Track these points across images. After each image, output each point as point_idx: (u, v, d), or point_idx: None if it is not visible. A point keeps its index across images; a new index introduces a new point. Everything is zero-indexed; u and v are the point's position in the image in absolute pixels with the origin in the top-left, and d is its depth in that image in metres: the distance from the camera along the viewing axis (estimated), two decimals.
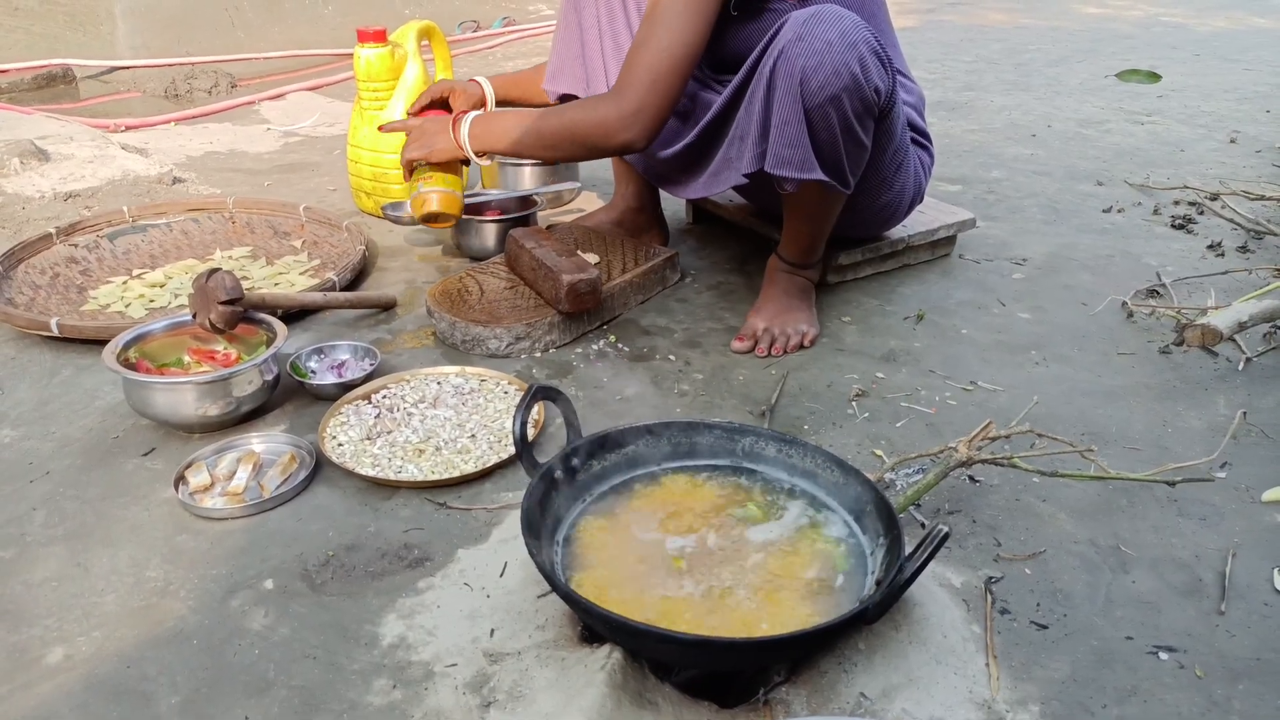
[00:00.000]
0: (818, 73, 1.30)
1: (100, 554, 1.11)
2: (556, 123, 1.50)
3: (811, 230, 1.59)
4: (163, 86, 3.51)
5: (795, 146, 1.36)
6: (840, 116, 1.34)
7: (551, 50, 1.81)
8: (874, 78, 1.34)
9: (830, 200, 1.52)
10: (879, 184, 1.59)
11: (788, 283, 1.64)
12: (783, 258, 1.65)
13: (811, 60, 1.30)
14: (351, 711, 0.90)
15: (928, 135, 1.72)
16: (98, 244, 1.92)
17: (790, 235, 1.62)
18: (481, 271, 1.76)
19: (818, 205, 1.53)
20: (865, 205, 1.63)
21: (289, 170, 2.60)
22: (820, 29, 1.30)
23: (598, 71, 1.70)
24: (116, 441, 1.33)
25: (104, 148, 2.51)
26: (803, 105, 1.32)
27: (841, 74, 1.30)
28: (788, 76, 1.32)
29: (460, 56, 4.17)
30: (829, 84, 1.31)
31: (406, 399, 1.40)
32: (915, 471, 1.25)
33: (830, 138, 1.36)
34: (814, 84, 1.31)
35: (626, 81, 1.43)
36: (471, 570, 1.08)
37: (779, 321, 1.60)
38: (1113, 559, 1.11)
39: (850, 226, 1.71)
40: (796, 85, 1.31)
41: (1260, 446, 1.33)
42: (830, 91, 1.31)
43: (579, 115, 1.49)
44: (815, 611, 0.93)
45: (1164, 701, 0.92)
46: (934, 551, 0.87)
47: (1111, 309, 1.76)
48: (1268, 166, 2.65)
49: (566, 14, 1.76)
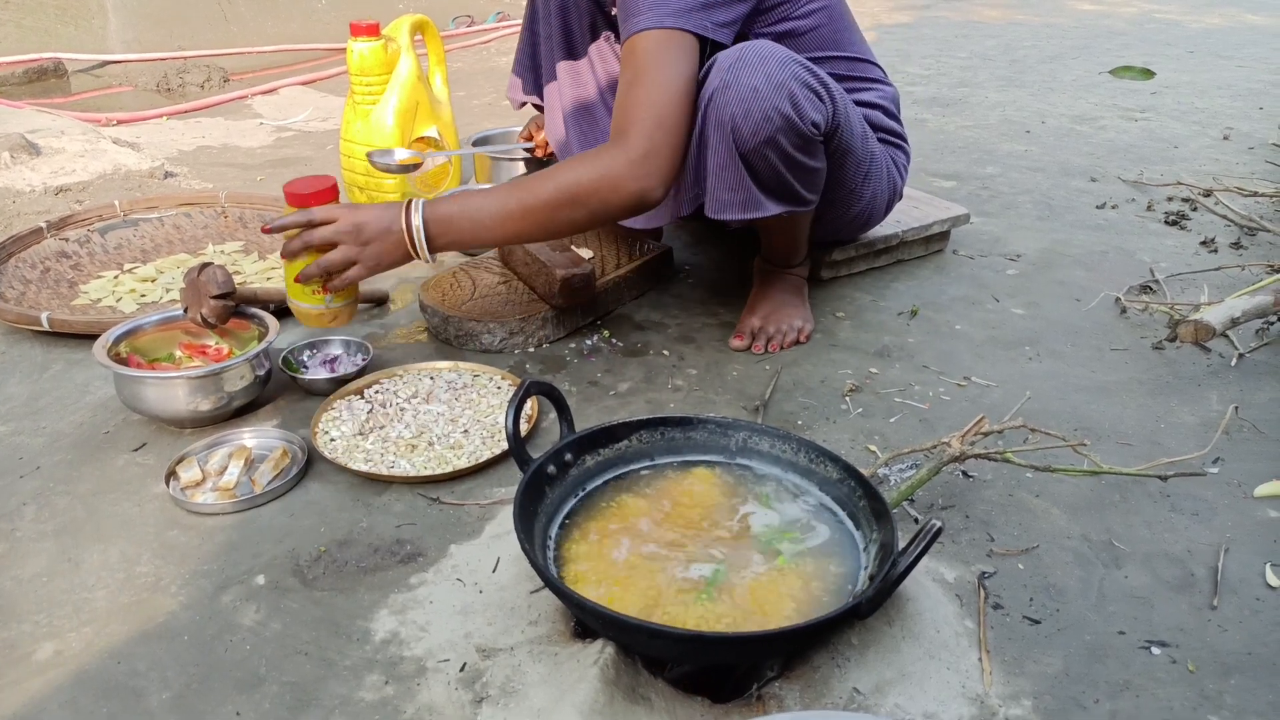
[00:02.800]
0: (748, 120, 1.25)
1: (91, 549, 1.11)
2: (548, 189, 1.27)
3: (784, 242, 1.59)
4: (155, 81, 3.49)
5: (736, 190, 1.32)
6: (780, 155, 1.30)
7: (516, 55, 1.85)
8: (808, 113, 1.28)
9: (795, 217, 1.48)
10: (846, 196, 1.55)
11: (778, 280, 1.64)
12: (768, 259, 1.65)
13: (740, 108, 1.25)
14: (343, 707, 0.90)
15: (901, 134, 1.68)
16: (89, 238, 1.91)
17: (767, 243, 1.62)
18: (475, 266, 1.76)
19: (786, 222, 1.50)
20: (836, 217, 1.61)
21: (282, 165, 2.59)
22: (745, 75, 1.25)
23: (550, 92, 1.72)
24: (107, 436, 1.33)
25: (95, 142, 2.50)
26: (738, 152, 1.29)
27: (772, 118, 1.26)
28: (718, 126, 1.27)
29: (454, 51, 4.15)
30: (760, 129, 1.26)
31: (399, 394, 1.39)
32: (909, 467, 1.24)
33: (774, 175, 1.33)
34: (745, 131, 1.26)
35: (626, 124, 1.26)
36: (464, 565, 1.08)
37: (774, 318, 1.60)
38: (1105, 554, 1.11)
39: (827, 234, 1.70)
40: (729, 133, 1.27)
41: (1252, 442, 1.34)
42: (764, 135, 1.26)
43: (576, 173, 1.27)
44: (808, 606, 0.93)
45: (1156, 696, 0.92)
46: (927, 546, 0.87)
47: (1105, 305, 1.76)
48: (1261, 163, 2.66)
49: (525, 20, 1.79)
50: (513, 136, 2.41)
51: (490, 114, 3.11)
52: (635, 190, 1.26)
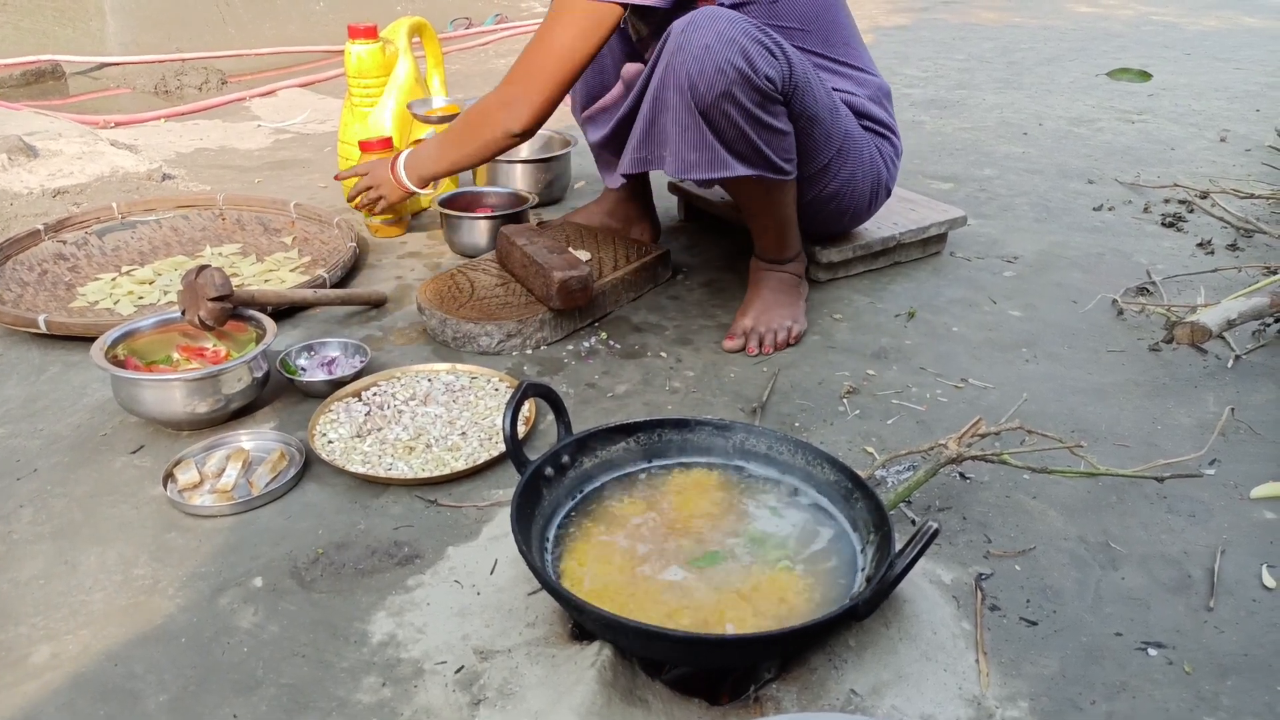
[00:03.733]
0: (703, 75, 1.32)
1: (88, 552, 1.11)
2: (459, 124, 1.59)
3: (771, 223, 1.59)
4: (153, 83, 3.49)
5: (700, 149, 1.38)
6: (740, 111, 1.35)
7: None
8: (762, 66, 1.34)
9: (774, 189, 1.51)
10: (820, 172, 1.57)
11: (772, 280, 1.64)
12: (760, 257, 1.66)
13: (694, 66, 1.32)
14: (341, 709, 0.90)
15: (888, 125, 1.68)
16: (86, 240, 1.91)
17: (756, 232, 1.63)
18: (473, 268, 1.76)
19: (764, 197, 1.53)
20: (813, 194, 1.61)
21: (279, 167, 2.59)
22: (696, 35, 1.32)
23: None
24: (105, 439, 1.32)
25: (93, 144, 2.50)
26: (696, 110, 1.34)
27: (726, 71, 1.31)
28: (676, 88, 1.34)
29: (452, 53, 4.16)
30: (716, 83, 1.32)
31: (397, 396, 1.40)
32: (906, 468, 1.25)
33: (738, 133, 1.37)
34: (701, 87, 1.32)
35: (512, 73, 1.50)
36: (462, 568, 1.08)
37: (765, 319, 1.60)
38: (1102, 555, 1.12)
39: (814, 224, 1.70)
40: (686, 91, 1.33)
41: (1249, 443, 1.34)
42: (719, 89, 1.32)
43: (472, 110, 1.56)
44: (806, 608, 0.93)
45: (1152, 697, 0.92)
46: (924, 548, 0.87)
47: (1102, 307, 1.76)
48: (1257, 165, 2.66)
49: None
50: None
51: None
52: (503, 127, 1.51)
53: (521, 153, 2.40)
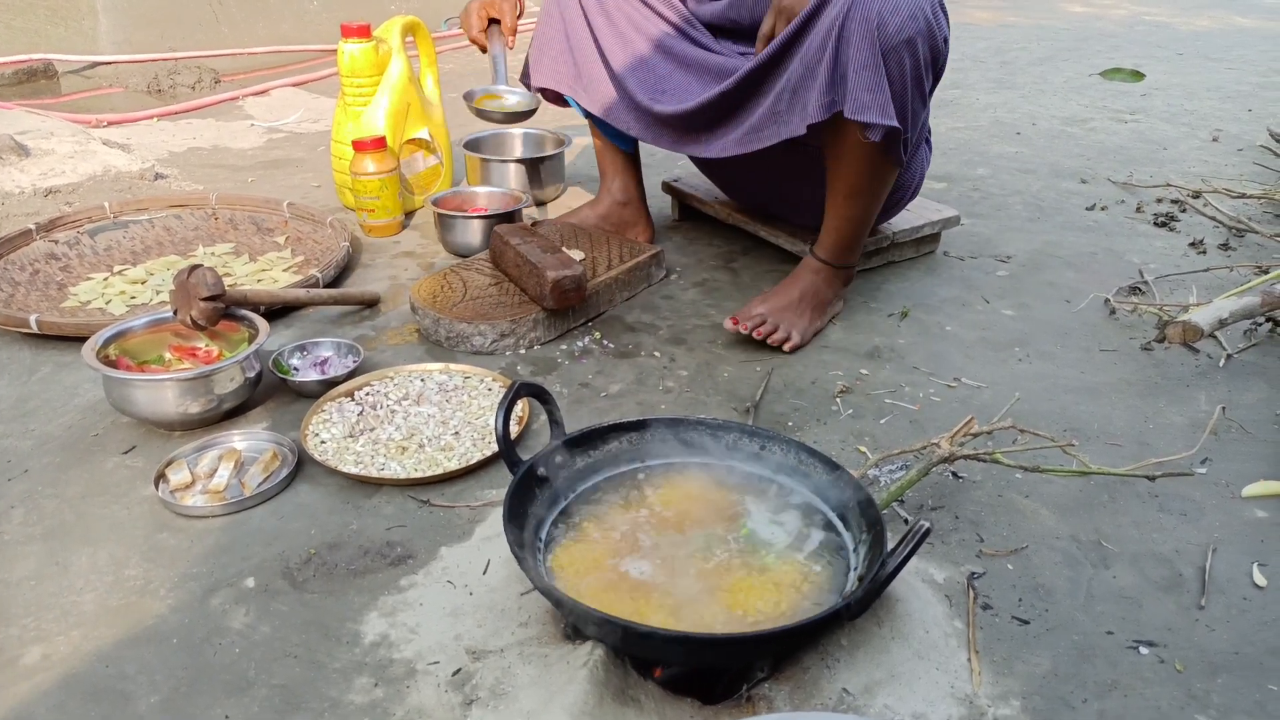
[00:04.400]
0: (895, 14, 1.29)
1: (79, 552, 1.10)
2: None
3: (857, 213, 1.54)
4: (145, 82, 3.48)
5: (874, 91, 1.33)
6: (913, 63, 1.33)
7: (532, 43, 1.82)
8: (944, 26, 1.35)
9: (882, 173, 1.48)
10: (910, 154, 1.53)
11: (809, 284, 1.60)
12: (818, 256, 1.60)
13: (889, 4, 1.29)
14: (333, 710, 0.90)
15: (929, 129, 1.71)
16: (78, 240, 1.90)
17: (832, 222, 1.56)
18: (466, 268, 1.75)
19: (870, 178, 1.48)
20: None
21: (272, 166, 2.59)
22: None
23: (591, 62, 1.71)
24: (96, 439, 1.32)
25: (85, 143, 2.49)
26: (879, 49, 1.30)
27: (918, 17, 1.31)
28: (863, 20, 1.30)
29: (446, 52, 4.15)
30: (906, 27, 1.30)
31: (390, 396, 1.39)
32: (898, 468, 1.25)
33: (902, 86, 1.34)
34: (891, 27, 1.30)
35: None
36: (454, 568, 1.08)
37: (777, 313, 1.57)
38: (1094, 554, 1.12)
39: None
40: (873, 29, 1.30)
41: (1240, 442, 1.34)
42: (907, 34, 1.30)
43: None
44: (798, 607, 0.93)
45: (1144, 696, 0.93)
46: (915, 547, 0.87)
47: (1094, 306, 1.77)
48: (1249, 165, 2.67)
49: (548, 5, 1.78)
50: (504, 139, 2.42)
51: None
52: None
53: (515, 152, 2.40)
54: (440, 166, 2.27)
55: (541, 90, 1.83)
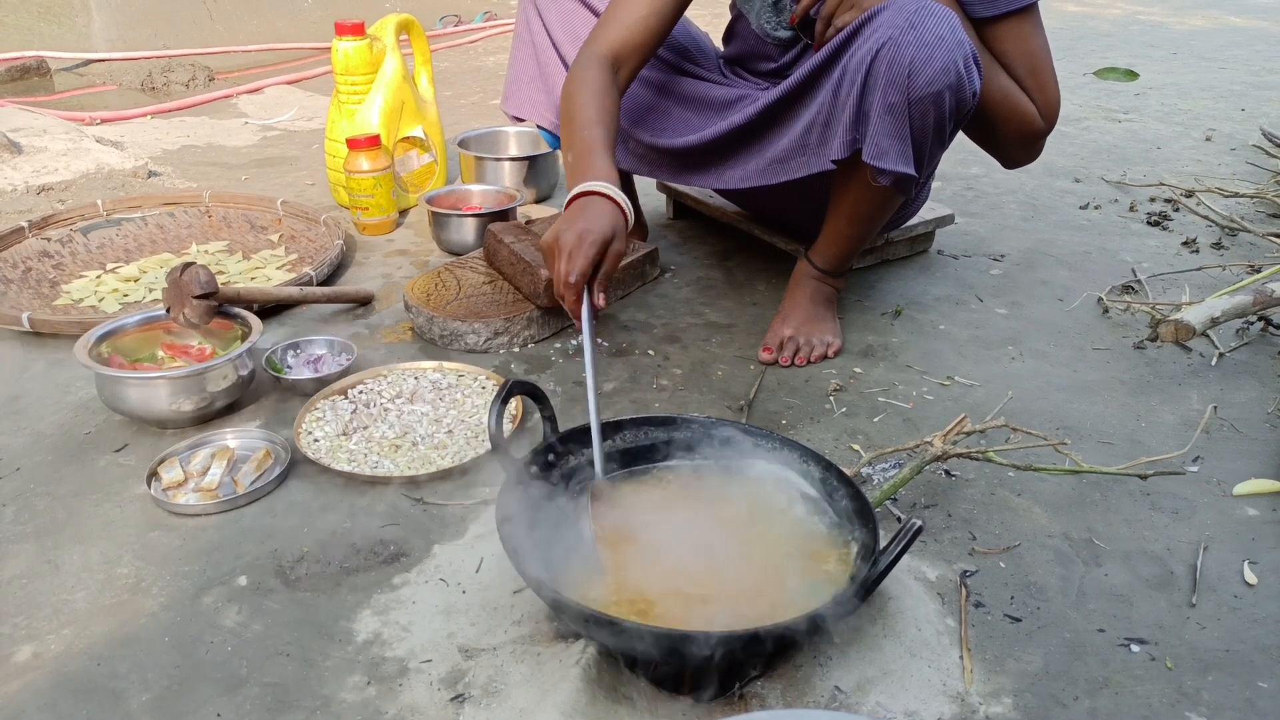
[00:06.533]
0: (928, 66, 1.24)
1: (71, 551, 1.10)
2: None
3: (858, 234, 1.53)
4: (139, 79, 3.47)
5: (894, 138, 1.30)
6: (938, 115, 1.29)
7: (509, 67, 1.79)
8: (975, 79, 1.30)
9: (889, 205, 1.46)
10: (919, 186, 1.55)
11: (815, 290, 1.58)
12: (814, 264, 1.58)
13: (923, 52, 1.24)
14: (324, 708, 0.90)
15: None
16: (71, 238, 1.90)
17: (832, 238, 1.55)
18: (460, 266, 1.75)
19: (876, 208, 1.47)
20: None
21: (266, 164, 2.58)
22: (932, 23, 1.25)
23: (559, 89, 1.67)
24: (88, 437, 1.32)
25: (78, 140, 2.48)
26: (907, 97, 1.26)
27: (950, 70, 1.25)
28: (895, 65, 1.25)
29: (441, 51, 4.15)
30: (937, 79, 1.25)
31: (384, 394, 1.39)
32: (891, 466, 1.25)
33: (923, 135, 1.31)
34: (923, 78, 1.25)
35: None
36: (448, 566, 1.08)
37: (805, 331, 1.56)
38: (1085, 552, 1.12)
39: None
40: (904, 76, 1.25)
41: (1232, 441, 1.35)
42: (938, 87, 1.26)
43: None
44: (792, 605, 0.93)
45: (1135, 693, 0.93)
46: (907, 545, 0.87)
47: (1087, 305, 1.77)
48: (1242, 164, 2.68)
49: (520, 30, 1.74)
50: (498, 137, 2.42)
51: (477, 113, 3.11)
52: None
53: (509, 150, 2.40)
54: (434, 164, 2.26)
55: (515, 117, 1.79)
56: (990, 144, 1.54)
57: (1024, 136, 1.49)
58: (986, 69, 1.40)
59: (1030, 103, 1.46)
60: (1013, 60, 1.43)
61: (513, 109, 1.77)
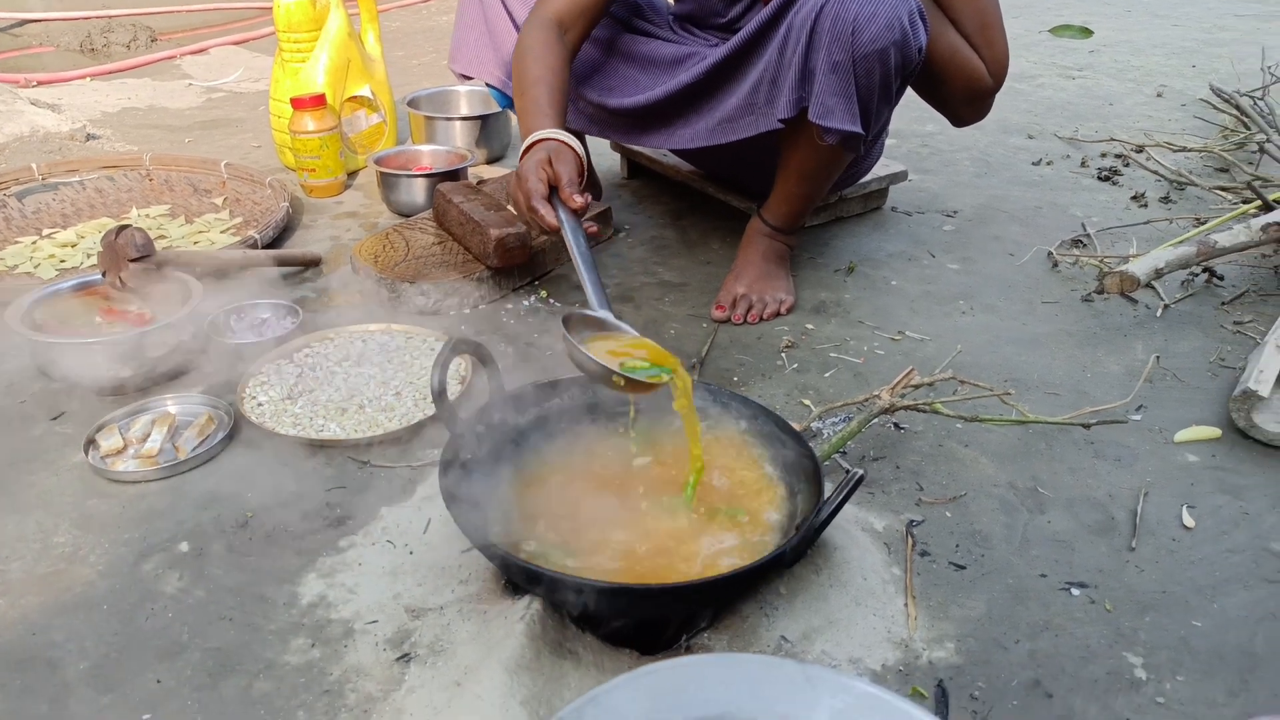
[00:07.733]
0: (872, 22, 1.25)
1: (5, 521, 1.07)
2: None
3: (809, 192, 1.53)
4: (78, 40, 3.35)
5: (840, 96, 1.30)
6: (883, 71, 1.29)
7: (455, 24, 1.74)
8: (920, 35, 1.30)
9: (838, 163, 1.46)
10: (870, 143, 1.55)
11: (767, 247, 1.58)
12: (766, 222, 1.58)
13: (867, 8, 1.25)
14: (268, 671, 0.89)
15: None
16: (4, 203, 1.84)
17: (783, 197, 1.54)
18: (409, 227, 1.72)
19: (825, 166, 1.47)
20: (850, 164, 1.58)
21: (211, 126, 2.51)
22: None
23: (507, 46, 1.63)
24: (23, 406, 1.28)
25: (11, 103, 2.40)
26: (851, 55, 1.27)
27: (894, 27, 1.26)
28: (839, 21, 1.26)
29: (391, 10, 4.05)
30: (881, 36, 1.25)
31: (330, 357, 1.37)
32: (841, 420, 1.25)
33: (868, 93, 1.31)
34: (866, 35, 1.25)
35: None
36: (394, 528, 1.07)
37: (757, 288, 1.56)
38: (1030, 500, 1.14)
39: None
40: (848, 33, 1.26)
41: (1174, 389, 1.37)
42: (881, 44, 1.26)
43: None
44: (738, 556, 0.93)
45: (1074, 635, 0.95)
46: (848, 494, 0.88)
47: (1038, 259, 1.78)
48: (1191, 119, 2.70)
49: None
50: (449, 96, 2.37)
51: (429, 74, 3.05)
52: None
53: (461, 110, 2.35)
54: (383, 125, 2.22)
55: (463, 76, 1.73)
56: (938, 101, 1.52)
57: (972, 94, 1.47)
58: (934, 25, 1.38)
59: (979, 60, 1.44)
60: (961, 16, 1.42)
61: (460, 67, 1.73)
